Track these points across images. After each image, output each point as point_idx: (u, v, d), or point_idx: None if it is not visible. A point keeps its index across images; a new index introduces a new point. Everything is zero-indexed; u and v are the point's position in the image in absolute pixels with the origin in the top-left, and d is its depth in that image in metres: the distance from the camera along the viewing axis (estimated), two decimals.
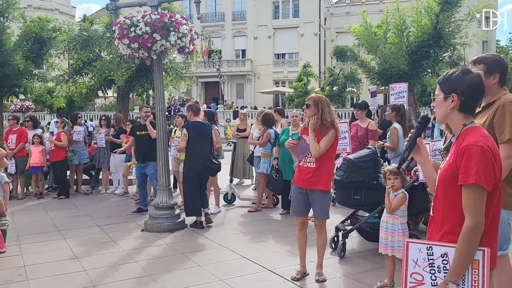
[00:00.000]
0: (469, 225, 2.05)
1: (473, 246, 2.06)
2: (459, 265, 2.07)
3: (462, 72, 2.26)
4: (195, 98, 37.16)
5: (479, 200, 2.07)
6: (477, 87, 2.25)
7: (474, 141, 2.12)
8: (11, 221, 7.29)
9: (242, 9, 42.13)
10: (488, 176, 2.07)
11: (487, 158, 2.08)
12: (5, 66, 13.01)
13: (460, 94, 2.21)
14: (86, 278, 4.81)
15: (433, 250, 2.17)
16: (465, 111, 2.25)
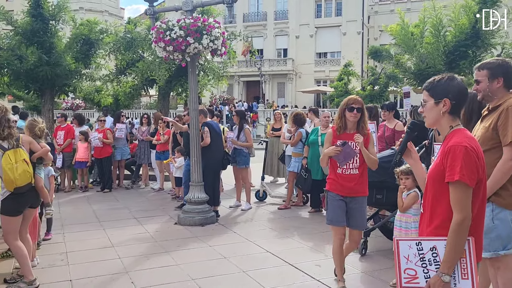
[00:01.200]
0: (456, 220, 2.22)
1: (462, 238, 2.23)
2: (451, 258, 2.23)
3: (449, 79, 2.45)
4: (235, 97, 37.71)
5: (464, 195, 2.23)
6: (464, 91, 2.46)
7: (459, 142, 2.29)
8: (57, 212, 7.91)
9: (284, 9, 42.23)
10: (471, 173, 2.23)
11: (470, 157, 2.25)
12: (56, 66, 13.85)
13: (452, 98, 2.39)
14: (120, 265, 5.21)
15: (422, 245, 2.33)
16: (454, 114, 2.43)
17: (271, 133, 10.95)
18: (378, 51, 16.49)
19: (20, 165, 4.38)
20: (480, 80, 3.32)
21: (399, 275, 2.37)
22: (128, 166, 11.34)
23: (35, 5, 13.39)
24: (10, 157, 4.32)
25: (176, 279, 4.75)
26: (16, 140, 4.44)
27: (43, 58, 13.23)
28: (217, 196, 7.75)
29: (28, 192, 4.50)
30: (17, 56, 13.29)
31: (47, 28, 13.68)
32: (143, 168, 10.87)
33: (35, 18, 13.34)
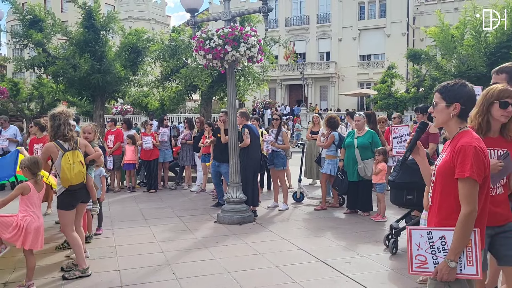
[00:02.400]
0: (465, 212, 2.46)
1: (469, 229, 2.47)
2: (458, 246, 2.48)
3: (462, 85, 2.67)
4: (277, 101, 37.97)
5: (473, 191, 2.48)
6: (474, 98, 2.69)
7: (468, 142, 2.54)
8: (107, 210, 8.52)
9: (327, 12, 42.20)
10: (480, 171, 2.48)
11: (479, 156, 2.49)
12: (107, 74, 14.74)
13: (462, 103, 2.62)
14: (163, 258, 5.64)
15: (432, 234, 2.59)
16: (462, 117, 2.67)
17: (309, 136, 11.21)
18: (417, 54, 16.29)
19: (77, 165, 4.90)
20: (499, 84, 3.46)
21: (411, 261, 2.62)
22: (172, 168, 11.90)
23: (88, 17, 14.31)
24: (69, 157, 4.83)
25: (214, 271, 5.11)
26: (75, 143, 4.97)
27: (95, 66, 14.11)
28: (256, 197, 8.11)
29: (80, 189, 5.01)
30: (72, 65, 14.25)
31: (98, 38, 14.57)
32: (186, 170, 11.38)
33: (88, 29, 14.25)
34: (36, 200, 4.56)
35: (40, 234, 4.53)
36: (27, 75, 39.39)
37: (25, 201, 4.49)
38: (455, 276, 2.48)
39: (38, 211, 4.61)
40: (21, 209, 4.52)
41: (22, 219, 4.44)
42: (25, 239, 4.42)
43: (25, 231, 4.42)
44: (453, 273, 2.48)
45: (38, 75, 16.52)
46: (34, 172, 4.56)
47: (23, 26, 14.60)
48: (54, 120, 4.79)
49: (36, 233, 4.47)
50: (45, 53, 14.60)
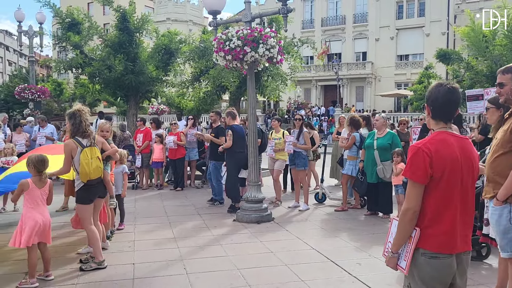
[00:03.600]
0: (402, 209, 2.57)
1: (404, 224, 2.54)
2: (396, 238, 2.60)
3: (434, 86, 2.67)
4: (310, 102, 37.77)
5: (409, 189, 2.55)
6: (443, 98, 2.59)
7: (416, 143, 2.59)
8: (132, 206, 8.82)
9: (364, 11, 41.61)
10: (418, 170, 2.49)
11: (419, 156, 2.50)
12: (140, 75, 15.21)
13: (429, 104, 2.65)
14: (177, 254, 5.80)
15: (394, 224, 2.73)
16: (435, 118, 2.64)
17: (335, 136, 11.14)
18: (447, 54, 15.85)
19: (94, 161, 5.12)
20: (505, 83, 3.40)
21: (385, 245, 2.77)
22: (199, 167, 12.12)
23: (122, 19, 14.80)
24: (87, 153, 5.06)
25: (224, 268, 5.22)
26: (93, 139, 5.20)
27: (128, 67, 14.59)
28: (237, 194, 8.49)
29: (97, 184, 5.23)
30: (107, 66, 14.80)
31: (132, 40, 15.07)
32: None
33: (122, 31, 14.75)
34: (36, 197, 4.74)
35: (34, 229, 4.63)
36: (70, 76, 40.95)
37: (26, 197, 4.72)
38: (394, 265, 2.62)
39: (39, 207, 4.78)
40: (23, 207, 4.76)
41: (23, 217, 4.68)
42: (20, 236, 4.63)
43: (20, 228, 4.65)
44: (392, 262, 2.63)
45: (76, 75, 17.19)
46: (40, 170, 4.77)
47: (62, 29, 15.27)
48: (75, 118, 5.02)
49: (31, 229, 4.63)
50: (83, 54, 15.23)
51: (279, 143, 8.82)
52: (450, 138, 2.57)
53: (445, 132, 2.60)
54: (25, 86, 16.63)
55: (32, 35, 17.21)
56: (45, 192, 4.91)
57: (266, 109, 41.30)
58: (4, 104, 44.77)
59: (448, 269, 2.53)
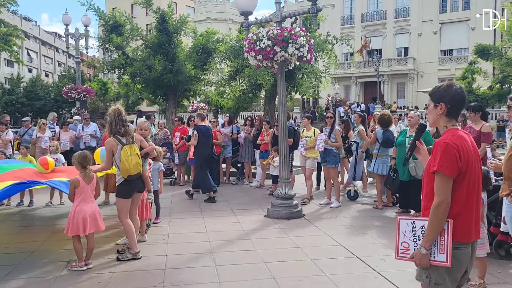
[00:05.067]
0: (435, 203, 2.62)
1: (439, 218, 2.60)
2: (428, 233, 2.65)
3: (448, 86, 2.82)
4: (348, 99, 37.30)
5: (442, 184, 2.61)
6: (459, 97, 2.79)
7: (443, 139, 2.69)
8: (169, 202, 9.20)
9: (406, 6, 40.67)
10: (450, 164, 2.59)
11: (450, 151, 2.61)
12: (178, 74, 15.63)
13: (447, 103, 2.76)
14: (208, 246, 6.06)
15: (415, 223, 2.78)
16: (450, 116, 2.78)
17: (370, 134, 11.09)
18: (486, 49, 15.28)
19: (134, 157, 5.46)
20: None
21: (397, 247, 2.82)
22: (235, 164, 12.39)
23: (161, 21, 15.27)
24: (127, 150, 5.39)
25: (251, 261, 5.43)
26: (131, 138, 5.53)
27: (167, 66, 15.05)
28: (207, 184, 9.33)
29: (136, 180, 5.57)
30: (147, 66, 15.31)
31: (171, 40, 15.50)
32: (246, 166, 11.80)
33: (161, 32, 15.22)
34: (85, 191, 5.15)
35: (86, 220, 5.05)
36: (115, 76, 42.58)
37: (77, 192, 5.11)
38: (428, 262, 2.64)
39: (88, 200, 5.18)
40: (74, 201, 5.15)
41: (73, 210, 5.08)
42: (72, 226, 5.03)
43: (72, 219, 5.04)
44: (424, 259, 2.63)
45: (118, 75, 17.88)
46: (84, 166, 5.15)
47: (106, 31, 15.93)
48: (111, 118, 5.37)
49: (84, 220, 5.03)
50: (124, 55, 15.83)
51: (310, 141, 8.92)
52: (463, 134, 2.74)
53: (458, 129, 2.77)
54: (72, 86, 17.50)
55: (78, 38, 18.09)
56: (93, 186, 5.31)
57: (305, 107, 41.23)
58: (54, 103, 47.04)
59: (467, 258, 2.69)
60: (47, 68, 67.32)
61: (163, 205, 8.39)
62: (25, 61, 58.08)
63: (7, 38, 31.85)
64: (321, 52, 12.54)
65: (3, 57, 49.04)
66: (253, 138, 11.21)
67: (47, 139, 10.95)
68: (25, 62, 57.46)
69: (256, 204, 8.97)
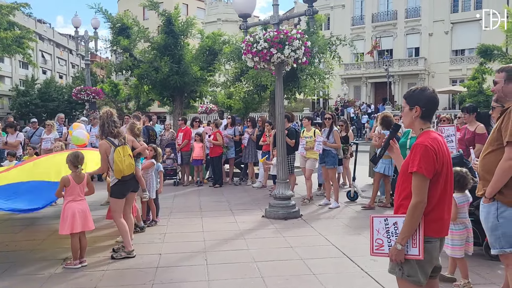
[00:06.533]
0: (413, 202, 2.72)
1: (416, 217, 2.72)
2: (405, 231, 2.75)
3: (422, 89, 2.93)
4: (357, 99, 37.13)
5: (420, 184, 2.71)
6: (433, 100, 2.91)
7: (421, 141, 2.78)
8: (170, 202, 9.33)
9: (417, 6, 40.35)
10: (428, 166, 2.69)
11: (428, 153, 2.71)
12: (185, 75, 15.81)
13: (422, 106, 2.86)
14: (202, 246, 6.15)
15: (388, 220, 2.88)
16: (424, 119, 2.88)
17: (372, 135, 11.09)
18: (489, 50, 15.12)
19: (127, 158, 5.58)
20: (497, 81, 3.46)
21: (372, 244, 2.92)
22: (238, 164, 12.48)
23: (167, 23, 15.46)
24: (120, 152, 5.52)
25: (242, 260, 5.51)
26: (123, 139, 5.65)
27: (173, 68, 15.22)
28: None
29: (130, 180, 5.69)
30: (154, 67, 15.51)
31: (177, 42, 15.69)
32: (249, 167, 11.89)
33: (167, 34, 15.40)
34: (75, 190, 5.26)
35: (75, 216, 5.16)
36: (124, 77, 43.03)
37: (66, 191, 5.24)
38: (403, 257, 2.75)
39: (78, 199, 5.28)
40: (64, 199, 5.28)
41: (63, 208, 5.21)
42: (62, 224, 5.16)
43: (62, 217, 5.17)
44: (400, 254, 2.74)
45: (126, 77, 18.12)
46: (75, 165, 5.28)
47: (113, 33, 16.17)
48: (100, 120, 5.50)
49: (72, 216, 5.15)
50: (132, 57, 16.06)
51: (310, 141, 8.97)
52: (438, 136, 2.86)
53: (432, 131, 2.88)
54: (82, 88, 17.74)
55: (87, 40, 18.37)
56: (83, 185, 5.43)
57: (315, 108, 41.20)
58: (67, 105, 47.70)
59: (436, 251, 2.84)
60: (61, 70, 68.26)
61: (164, 205, 8.54)
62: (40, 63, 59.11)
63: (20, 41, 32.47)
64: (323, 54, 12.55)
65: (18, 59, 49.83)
66: (256, 139, 11.30)
67: (51, 140, 11.13)
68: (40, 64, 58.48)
69: (256, 205, 9.05)
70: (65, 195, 5.29)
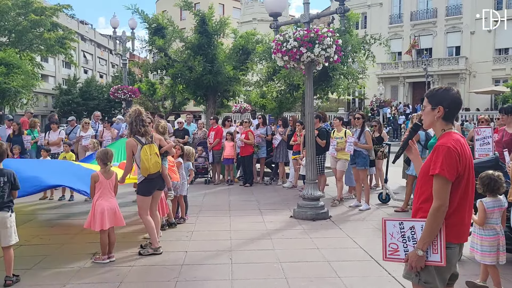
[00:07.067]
0: (434, 206, 2.60)
1: (437, 222, 2.61)
2: (426, 236, 2.63)
3: (446, 89, 2.81)
4: (394, 99, 36.31)
5: (442, 187, 2.60)
6: (457, 101, 2.79)
7: (444, 142, 2.67)
8: (200, 200, 9.41)
9: (458, 3, 39.02)
10: (451, 169, 2.58)
11: (451, 155, 2.60)
12: (218, 75, 15.92)
13: (446, 106, 2.74)
14: (227, 245, 6.16)
15: (403, 224, 2.77)
16: (447, 120, 2.76)
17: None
18: None
19: (153, 157, 5.65)
20: None
21: (384, 248, 2.81)
22: (269, 164, 12.45)
23: (201, 23, 15.61)
24: (147, 150, 5.60)
25: (267, 260, 5.48)
26: (150, 137, 5.73)
27: (207, 67, 15.36)
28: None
29: (156, 178, 5.76)
30: (188, 67, 15.69)
31: (210, 42, 15.81)
32: (280, 166, 11.83)
33: (201, 34, 15.55)
34: (104, 186, 5.38)
35: (104, 214, 5.27)
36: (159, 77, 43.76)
37: (97, 187, 5.36)
38: (424, 264, 2.63)
39: (107, 195, 5.41)
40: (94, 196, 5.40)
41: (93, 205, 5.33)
42: (93, 221, 5.27)
43: (92, 214, 5.29)
44: (421, 261, 2.63)
45: (160, 76, 18.42)
46: (104, 162, 5.40)
47: (149, 33, 16.47)
48: (131, 119, 5.59)
49: (102, 214, 5.26)
50: (166, 57, 16.30)
51: (341, 142, 8.83)
52: (460, 138, 2.74)
53: (454, 132, 2.76)
54: (119, 87, 18.15)
55: (125, 40, 18.78)
56: (112, 182, 5.55)
57: (350, 107, 40.62)
58: (107, 103, 49.08)
59: (456, 258, 2.73)
60: (101, 69, 70.27)
61: (194, 203, 8.64)
62: (81, 63, 61.07)
63: (62, 41, 33.67)
64: (357, 53, 12.33)
65: (61, 59, 51.69)
66: (287, 138, 11.23)
67: (88, 137, 11.45)
68: (81, 63, 60.41)
69: (285, 205, 8.99)
70: (95, 191, 5.41)
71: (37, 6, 32.23)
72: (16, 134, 11.32)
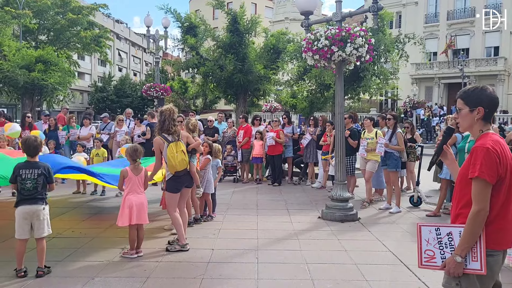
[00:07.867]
0: (473, 210, 2.49)
1: (478, 227, 2.49)
2: (465, 242, 2.52)
3: (482, 89, 2.69)
4: (427, 101, 35.44)
5: (482, 190, 2.49)
6: (496, 101, 2.70)
7: (482, 143, 2.55)
8: (228, 198, 9.43)
9: (497, 2, 37.73)
10: (491, 171, 2.46)
11: (491, 157, 2.48)
12: (248, 74, 15.95)
13: (486, 107, 2.64)
14: (254, 243, 6.15)
15: (440, 230, 2.66)
16: (485, 120, 2.66)
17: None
18: None
19: (179, 154, 5.69)
20: None
21: (420, 255, 2.69)
22: (297, 164, 12.37)
23: (233, 22, 15.67)
24: (173, 148, 5.64)
25: (293, 261, 5.43)
26: (177, 136, 5.77)
27: (237, 66, 15.41)
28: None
29: (184, 175, 5.80)
30: (219, 65, 15.79)
31: (241, 41, 15.86)
32: (309, 166, 11.73)
33: (232, 33, 15.61)
34: (133, 183, 5.45)
35: (133, 209, 5.35)
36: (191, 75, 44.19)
37: (126, 183, 5.44)
38: (462, 271, 2.52)
39: (137, 191, 5.48)
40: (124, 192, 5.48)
41: (122, 201, 5.41)
42: (120, 217, 5.35)
43: (121, 210, 5.36)
44: (459, 268, 2.52)
45: (192, 75, 18.60)
46: (134, 159, 5.47)
47: (182, 32, 16.66)
48: (161, 116, 5.64)
49: (130, 209, 5.33)
50: (198, 55, 16.45)
51: (372, 143, 8.67)
52: (499, 139, 2.64)
53: (492, 132, 2.66)
54: (151, 85, 18.44)
55: (157, 39, 19.06)
56: (142, 178, 5.62)
57: (382, 108, 39.94)
58: (140, 101, 50.00)
59: (498, 266, 2.60)
60: (135, 68, 71.64)
61: (222, 201, 8.68)
62: (116, 61, 62.40)
63: (98, 40, 34.47)
64: (390, 52, 12.09)
65: (97, 57, 52.93)
66: (317, 138, 11.13)
67: (123, 133, 11.66)
68: (116, 61, 61.72)
69: (313, 205, 8.91)
70: (125, 187, 5.50)
71: (75, 5, 33.10)
72: (51, 130, 11.65)
